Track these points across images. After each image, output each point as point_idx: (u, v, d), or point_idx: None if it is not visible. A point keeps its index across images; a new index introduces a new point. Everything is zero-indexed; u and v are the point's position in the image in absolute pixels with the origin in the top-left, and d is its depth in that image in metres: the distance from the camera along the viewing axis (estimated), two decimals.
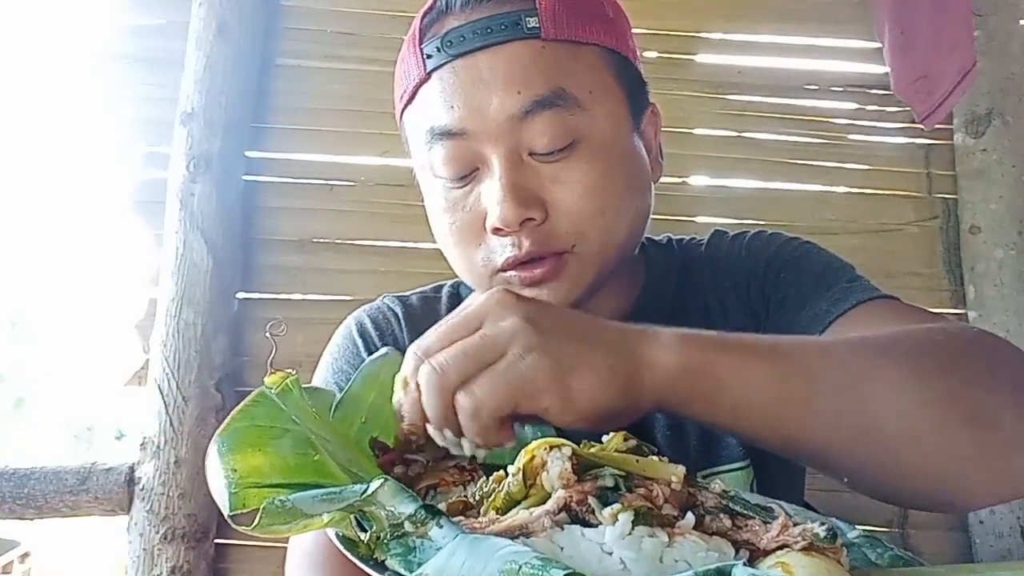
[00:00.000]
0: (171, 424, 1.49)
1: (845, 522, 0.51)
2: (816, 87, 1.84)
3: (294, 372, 0.53)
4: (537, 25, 0.70)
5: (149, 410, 1.53)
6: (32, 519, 1.49)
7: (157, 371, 1.53)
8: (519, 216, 0.68)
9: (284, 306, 1.67)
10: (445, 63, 0.71)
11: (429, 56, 0.71)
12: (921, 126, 1.75)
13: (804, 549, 0.39)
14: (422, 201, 0.87)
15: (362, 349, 0.84)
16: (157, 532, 1.48)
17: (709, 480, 0.48)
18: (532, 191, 0.69)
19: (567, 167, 0.70)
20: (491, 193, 0.69)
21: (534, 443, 0.45)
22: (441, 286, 0.93)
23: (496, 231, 0.70)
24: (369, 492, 0.39)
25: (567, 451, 0.43)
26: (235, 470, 0.43)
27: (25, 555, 4.80)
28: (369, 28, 1.75)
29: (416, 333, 0.85)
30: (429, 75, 0.72)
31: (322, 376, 0.85)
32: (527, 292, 0.71)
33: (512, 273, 0.71)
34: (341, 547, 0.41)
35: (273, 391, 0.51)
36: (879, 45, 1.76)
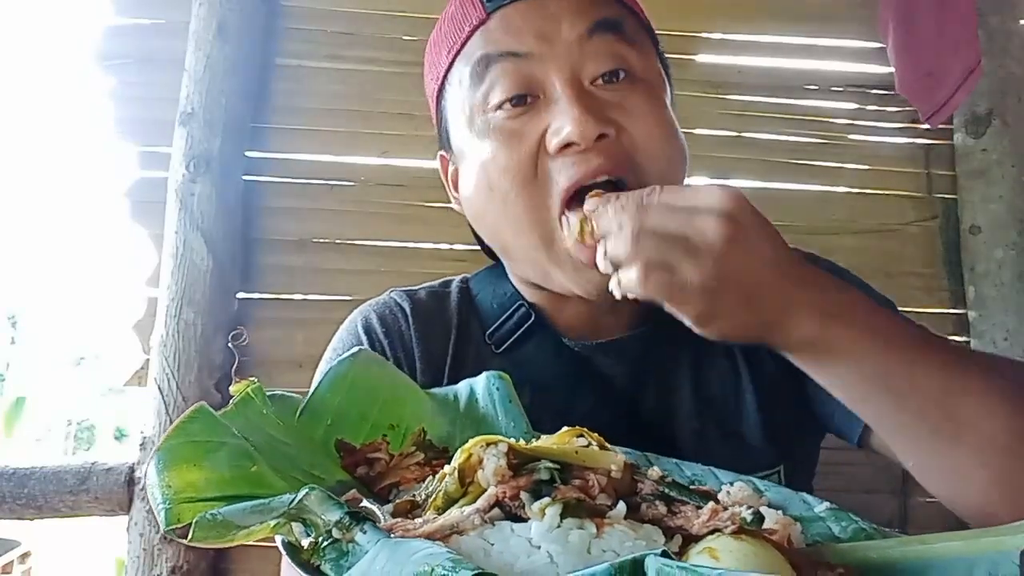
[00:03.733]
0: (171, 424, 1.49)
1: (815, 497, 0.53)
2: (816, 87, 1.84)
3: (256, 381, 0.55)
4: None
5: (149, 410, 1.53)
6: (32, 519, 1.49)
7: (157, 371, 1.52)
8: (597, 128, 0.68)
9: (284, 306, 1.67)
10: (507, 3, 0.73)
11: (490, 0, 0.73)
12: (921, 126, 1.75)
13: (734, 533, 0.40)
14: (422, 201, 0.86)
15: (367, 345, 0.83)
16: (157, 532, 1.47)
17: (648, 466, 0.49)
18: (601, 111, 0.70)
19: (629, 96, 0.72)
20: (560, 112, 0.69)
21: (471, 441, 0.45)
22: (450, 281, 0.91)
23: (566, 148, 0.69)
24: (296, 501, 0.40)
25: (503, 447, 0.43)
26: (170, 486, 0.44)
27: (25, 555, 4.80)
28: (369, 28, 1.75)
29: (424, 329, 0.85)
30: (489, 16, 0.73)
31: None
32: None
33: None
34: (285, 553, 0.42)
35: (233, 400, 0.53)
36: (879, 45, 1.76)
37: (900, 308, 0.83)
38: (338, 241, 1.70)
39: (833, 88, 1.85)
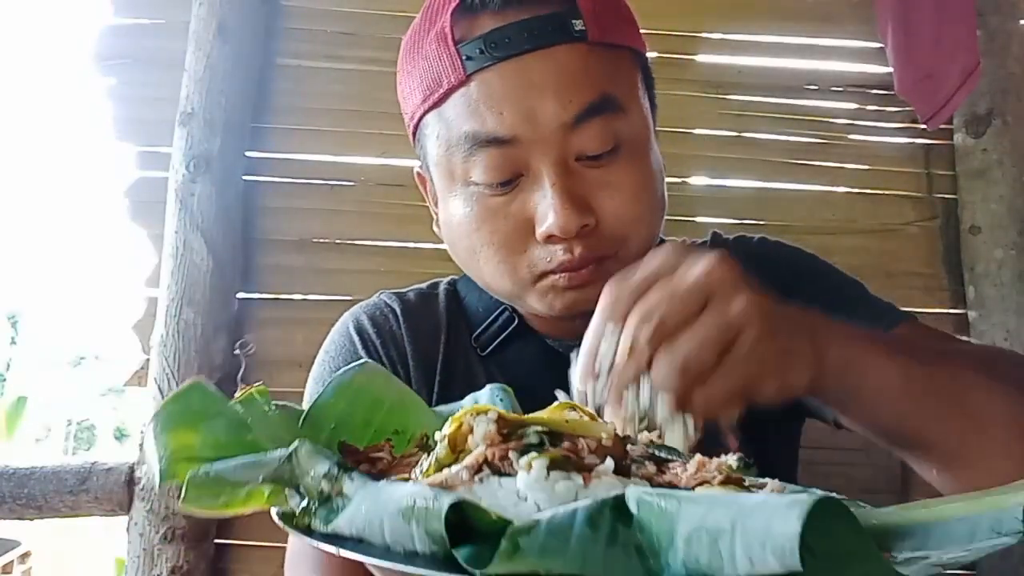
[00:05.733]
0: None
1: (821, 490, 0.53)
2: (816, 87, 1.84)
3: (262, 384, 0.56)
4: (583, 28, 0.69)
5: (149, 410, 1.53)
6: (32, 519, 1.49)
7: (157, 371, 1.52)
8: (578, 223, 0.68)
9: (284, 306, 1.67)
10: (488, 65, 0.68)
11: (469, 58, 0.69)
12: (921, 126, 1.75)
13: (722, 483, 0.41)
14: (422, 201, 0.86)
15: (359, 347, 0.84)
16: (157, 532, 1.47)
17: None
18: (583, 198, 0.69)
19: (612, 172, 0.71)
20: (543, 201, 0.69)
21: (460, 411, 0.45)
22: (437, 283, 0.92)
23: (550, 239, 0.69)
24: (288, 455, 0.41)
25: (493, 415, 0.44)
26: (166, 446, 0.45)
27: (25, 555, 4.80)
28: (369, 28, 1.75)
29: (415, 330, 0.85)
30: (469, 77, 0.69)
31: (319, 375, 0.85)
32: (571, 292, 0.72)
33: (559, 276, 0.71)
34: (278, 520, 0.42)
35: (237, 398, 0.54)
36: (879, 45, 1.76)
37: (900, 308, 0.83)
38: (338, 241, 1.70)
39: (833, 88, 1.84)
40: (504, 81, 0.68)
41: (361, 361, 0.64)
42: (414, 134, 0.80)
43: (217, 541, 1.55)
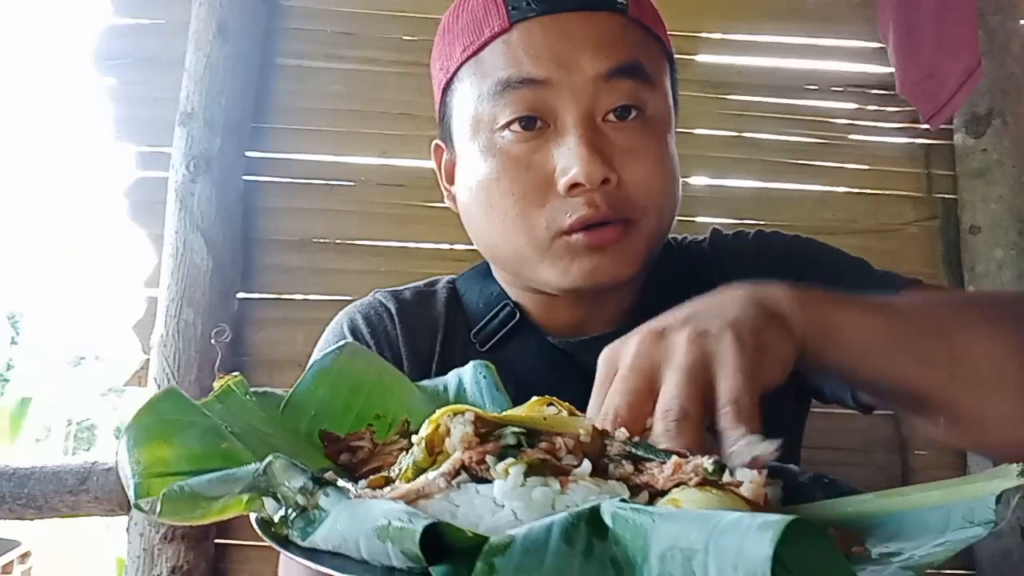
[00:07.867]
0: None
1: (799, 468, 0.54)
2: (816, 87, 1.84)
3: (238, 374, 0.55)
4: (624, 3, 0.74)
5: None
6: (32, 519, 1.49)
7: (157, 371, 1.53)
8: (602, 173, 0.69)
9: (284, 306, 1.67)
10: (532, 16, 0.72)
11: (515, 8, 0.73)
12: (921, 126, 1.75)
13: (699, 485, 0.40)
14: (422, 201, 0.86)
15: None
16: (157, 532, 1.47)
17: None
18: (607, 155, 0.71)
19: (636, 138, 0.73)
20: (568, 153, 0.70)
21: (438, 412, 0.45)
22: (436, 280, 0.92)
23: (573, 188, 0.70)
24: (261, 469, 0.41)
25: (470, 416, 0.44)
26: (140, 461, 0.44)
27: (25, 555, 4.80)
28: (369, 28, 1.75)
29: (410, 329, 0.85)
30: (512, 26, 0.72)
31: None
32: (589, 257, 0.72)
33: (578, 236, 0.71)
34: (257, 528, 0.42)
35: (214, 392, 0.53)
36: (879, 45, 1.76)
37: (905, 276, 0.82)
38: (338, 241, 1.70)
39: (833, 88, 1.84)
40: (545, 31, 0.72)
41: (341, 343, 0.64)
42: (443, 95, 0.81)
43: (217, 541, 1.55)
